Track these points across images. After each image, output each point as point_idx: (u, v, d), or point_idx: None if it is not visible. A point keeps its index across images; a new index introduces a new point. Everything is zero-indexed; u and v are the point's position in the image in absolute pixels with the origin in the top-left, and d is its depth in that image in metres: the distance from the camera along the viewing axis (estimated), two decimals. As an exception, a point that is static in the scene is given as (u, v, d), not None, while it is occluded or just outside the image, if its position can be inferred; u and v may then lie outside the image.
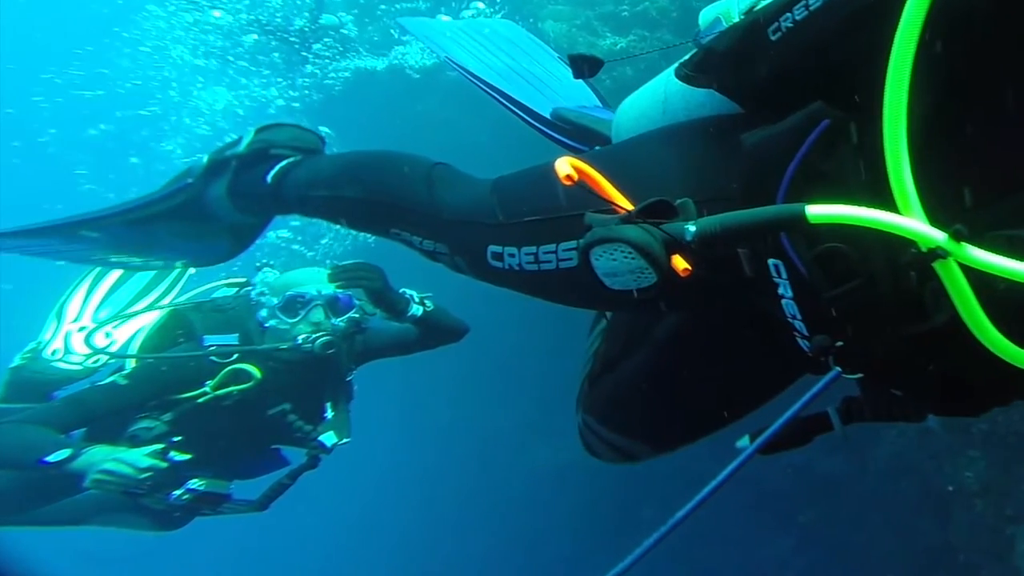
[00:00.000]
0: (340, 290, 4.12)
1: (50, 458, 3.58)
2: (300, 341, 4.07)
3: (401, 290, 4.27)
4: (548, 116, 2.67)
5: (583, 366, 2.53)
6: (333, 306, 4.20)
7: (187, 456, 3.89)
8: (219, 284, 4.62)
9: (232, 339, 4.17)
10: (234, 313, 4.29)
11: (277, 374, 4.14)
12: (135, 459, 3.66)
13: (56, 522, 4.30)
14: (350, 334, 4.24)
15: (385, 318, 4.28)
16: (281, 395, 4.18)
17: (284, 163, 2.72)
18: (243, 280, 4.56)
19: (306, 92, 10.66)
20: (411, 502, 12.55)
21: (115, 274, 4.67)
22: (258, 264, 4.45)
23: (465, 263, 2.16)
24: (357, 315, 4.24)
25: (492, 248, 2.03)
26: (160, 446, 3.81)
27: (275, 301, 4.16)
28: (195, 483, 3.86)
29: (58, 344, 4.41)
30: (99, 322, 4.48)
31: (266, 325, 4.17)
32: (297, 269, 4.37)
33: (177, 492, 3.82)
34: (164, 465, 3.73)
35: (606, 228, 1.47)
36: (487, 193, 2.12)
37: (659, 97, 2.02)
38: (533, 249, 1.93)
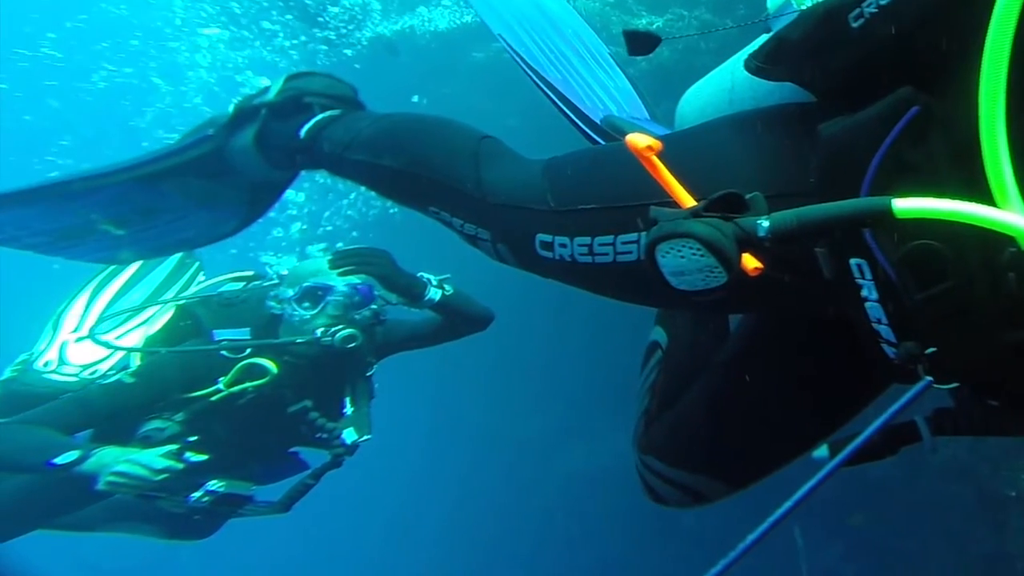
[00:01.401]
0: (344, 278, 4.00)
1: (58, 460, 3.50)
2: (319, 334, 3.96)
3: (419, 274, 4.16)
4: (599, 122, 2.58)
5: (638, 402, 2.45)
6: (353, 297, 4.10)
7: (204, 457, 3.84)
8: (225, 279, 4.52)
9: (244, 333, 4.08)
10: (244, 307, 4.21)
11: (294, 369, 4.03)
12: (150, 460, 3.59)
13: (67, 527, 4.24)
14: (370, 326, 4.14)
15: (399, 302, 4.16)
16: (301, 391, 4.06)
17: (320, 117, 2.61)
18: (250, 274, 4.50)
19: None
20: (441, 506, 12.55)
21: (118, 282, 4.59)
22: (264, 257, 4.38)
23: (509, 251, 2.10)
24: (376, 306, 4.15)
25: (541, 236, 1.96)
26: (175, 446, 3.75)
27: (291, 292, 4.06)
28: (215, 484, 3.78)
29: (51, 355, 4.30)
30: (102, 318, 4.40)
31: (280, 317, 4.08)
32: (313, 258, 4.27)
33: (196, 495, 3.74)
34: (180, 466, 3.66)
35: (674, 223, 1.41)
36: (538, 176, 2.06)
37: (725, 85, 1.97)
38: (587, 240, 1.87)
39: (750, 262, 1.39)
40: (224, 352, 3.97)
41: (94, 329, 4.23)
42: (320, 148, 2.56)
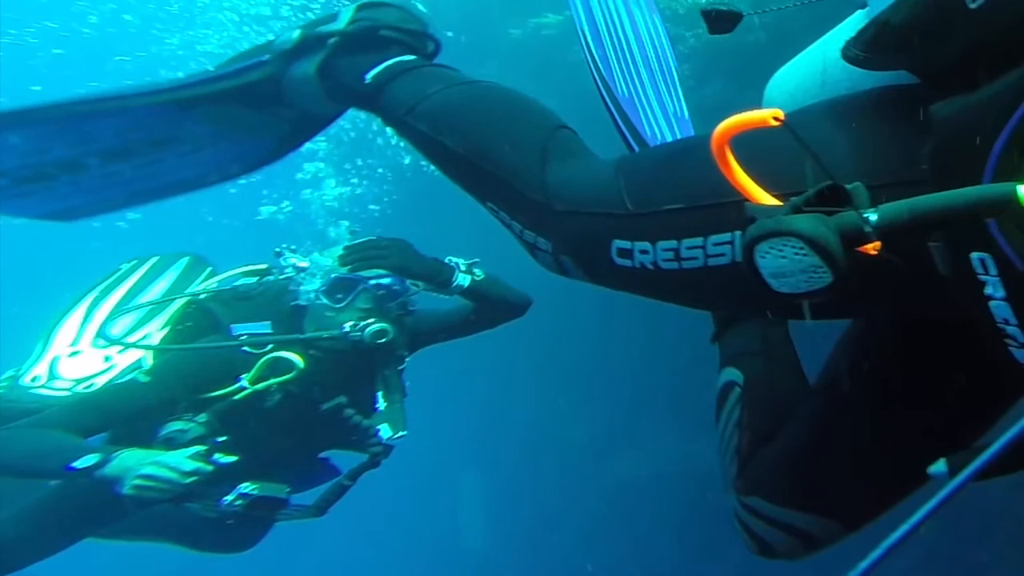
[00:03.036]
0: (355, 273, 3.91)
1: (78, 464, 3.37)
2: (347, 329, 3.84)
3: (446, 258, 4.06)
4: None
5: (723, 444, 2.37)
6: (383, 290, 3.98)
7: (233, 458, 3.71)
8: (236, 273, 4.39)
9: (265, 327, 3.97)
10: (262, 300, 4.10)
11: (321, 364, 3.92)
12: (177, 462, 3.48)
13: (103, 534, 4.18)
14: (399, 317, 4.02)
15: (427, 289, 4.06)
16: (331, 387, 3.97)
17: (390, 63, 2.48)
18: (264, 267, 4.34)
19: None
20: (486, 514, 12.53)
21: (119, 293, 4.46)
22: (277, 249, 4.22)
23: (576, 263, 2.01)
24: (406, 299, 4.05)
25: (618, 243, 1.86)
26: (203, 447, 3.64)
27: (317, 283, 3.95)
28: (247, 487, 3.69)
29: (40, 370, 4.16)
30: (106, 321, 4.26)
31: (305, 309, 3.99)
32: (340, 244, 4.12)
33: (229, 498, 3.66)
34: (210, 468, 3.55)
35: (774, 220, 1.35)
36: (611, 176, 1.96)
37: (816, 67, 1.89)
38: (673, 244, 1.76)
39: (861, 257, 1.32)
40: (245, 348, 3.86)
41: (105, 326, 4.15)
42: (382, 103, 2.47)
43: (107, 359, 4.12)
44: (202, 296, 4.16)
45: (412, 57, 2.52)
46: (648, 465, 9.36)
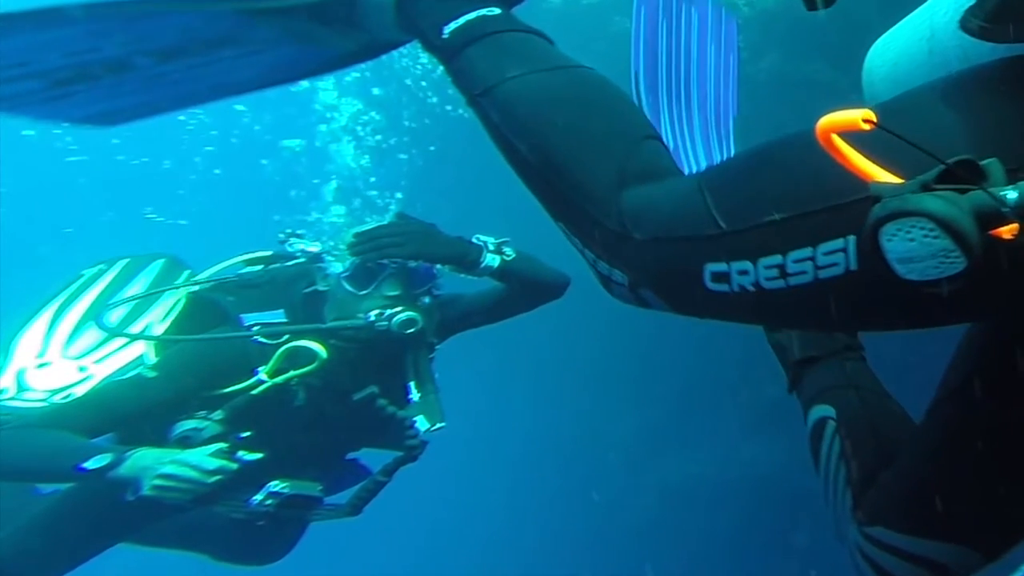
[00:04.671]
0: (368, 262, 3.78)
1: (88, 464, 3.26)
2: (372, 318, 3.70)
3: (473, 237, 3.93)
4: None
5: (829, 481, 2.29)
6: (410, 275, 3.84)
7: (259, 455, 3.63)
8: (237, 261, 4.26)
9: (278, 316, 3.84)
10: (272, 287, 3.96)
11: (345, 355, 3.79)
12: (199, 460, 3.40)
13: (132, 540, 4.12)
14: (426, 303, 3.91)
15: (453, 271, 3.93)
16: (363, 377, 3.83)
17: (472, 17, 2.33)
18: (269, 254, 4.22)
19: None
20: (530, 519, 12.46)
21: (86, 300, 4.30)
22: (282, 235, 4.15)
23: (659, 295, 1.88)
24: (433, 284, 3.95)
25: (712, 267, 1.73)
26: (224, 444, 3.55)
27: (340, 267, 3.84)
28: (277, 485, 3.61)
29: (5, 382, 4.02)
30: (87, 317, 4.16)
31: (322, 295, 3.88)
32: (369, 223, 3.98)
33: (258, 497, 3.58)
34: (235, 466, 3.47)
35: (901, 199, 1.30)
36: (694, 193, 1.82)
37: (922, 34, 1.79)
38: (778, 259, 1.64)
39: (998, 240, 1.30)
40: (259, 338, 3.73)
41: (102, 316, 4.02)
42: (456, 69, 2.35)
43: (82, 369, 3.99)
44: (204, 286, 4.03)
45: (497, 11, 2.37)
46: (698, 466, 9.35)
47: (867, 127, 1.30)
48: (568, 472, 11.59)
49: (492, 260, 3.89)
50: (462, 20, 2.30)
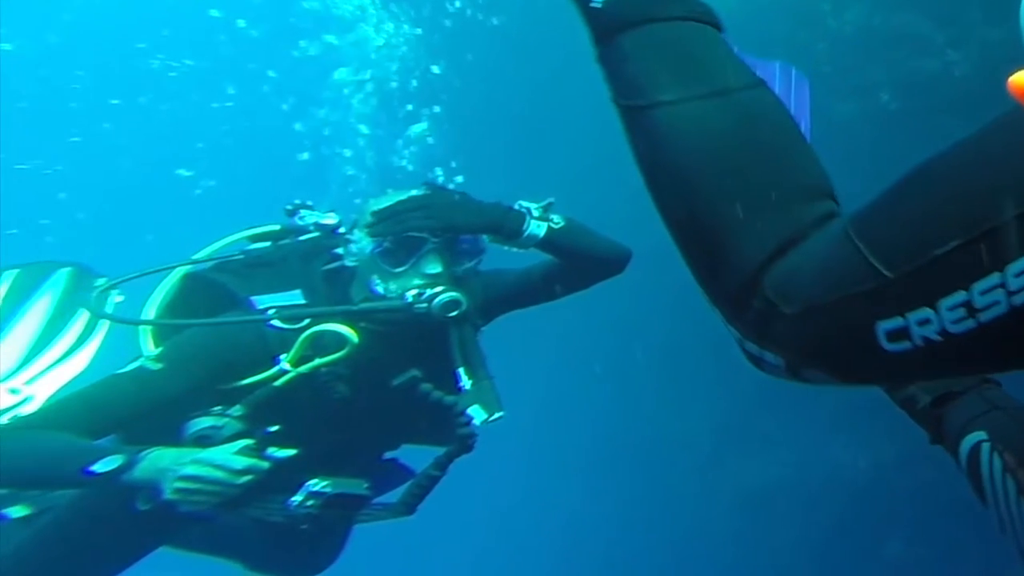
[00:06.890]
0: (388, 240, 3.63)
1: (97, 467, 3.16)
2: (410, 299, 3.58)
3: (516, 203, 3.77)
4: None
5: (998, 502, 2.15)
6: (455, 249, 3.72)
7: (291, 451, 3.51)
8: (240, 237, 4.11)
9: (295, 297, 3.71)
10: (286, 265, 3.84)
11: (380, 339, 3.70)
12: (225, 459, 3.30)
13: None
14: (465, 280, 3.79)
15: (493, 242, 3.80)
16: (402, 363, 3.74)
17: None
18: (277, 228, 4.09)
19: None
20: (599, 525, 12.23)
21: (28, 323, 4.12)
22: (289, 207, 4.03)
23: (821, 370, 1.59)
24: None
25: (886, 325, 1.44)
26: (251, 440, 3.45)
27: (371, 244, 3.67)
28: (318, 484, 3.50)
29: None
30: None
31: (347, 272, 3.76)
32: (402, 191, 3.80)
33: (298, 498, 3.47)
34: (266, 464, 3.39)
35: None
36: (843, 244, 1.54)
37: None
38: (962, 297, 1.35)
39: None
40: (276, 323, 3.61)
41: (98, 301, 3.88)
42: (602, 53, 1.98)
43: (13, 391, 3.85)
44: (204, 265, 3.92)
45: None
46: (777, 469, 9.22)
47: None
48: (633, 476, 11.48)
49: (537, 228, 3.77)
50: None
